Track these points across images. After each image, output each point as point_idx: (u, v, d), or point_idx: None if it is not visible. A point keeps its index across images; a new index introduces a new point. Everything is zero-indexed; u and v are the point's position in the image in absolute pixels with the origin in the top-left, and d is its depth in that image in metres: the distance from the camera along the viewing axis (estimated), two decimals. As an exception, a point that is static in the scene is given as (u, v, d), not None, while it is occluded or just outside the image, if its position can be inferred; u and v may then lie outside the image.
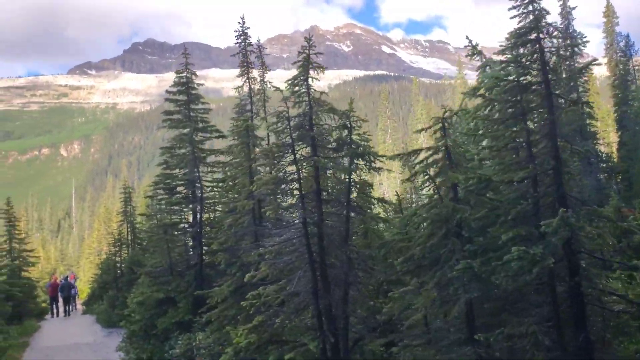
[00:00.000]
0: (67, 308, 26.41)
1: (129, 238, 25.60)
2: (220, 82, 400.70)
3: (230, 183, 7.58)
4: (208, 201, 10.55)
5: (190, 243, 10.96)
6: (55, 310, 26.74)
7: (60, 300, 28.36)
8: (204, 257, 9.41)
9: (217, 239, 8.98)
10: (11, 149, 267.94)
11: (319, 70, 4.97)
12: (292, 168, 5.01)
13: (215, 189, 10.92)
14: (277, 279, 4.83)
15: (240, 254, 6.90)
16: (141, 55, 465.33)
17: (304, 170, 5.09)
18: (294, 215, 5.24)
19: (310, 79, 4.93)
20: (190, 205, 10.84)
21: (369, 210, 5.13)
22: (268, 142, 9.99)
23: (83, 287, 37.69)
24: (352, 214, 5.04)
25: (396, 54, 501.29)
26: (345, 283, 4.74)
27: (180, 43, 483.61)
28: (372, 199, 5.08)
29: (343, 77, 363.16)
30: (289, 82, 5.08)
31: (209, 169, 10.60)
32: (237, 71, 11.09)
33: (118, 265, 22.69)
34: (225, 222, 7.00)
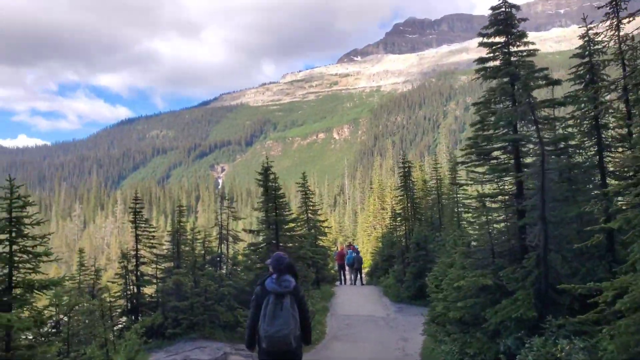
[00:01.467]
0: (356, 277, 27.84)
1: (409, 213, 25.11)
2: (484, 52, 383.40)
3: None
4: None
5: (512, 220, 8.81)
6: (342, 278, 28.49)
7: (347, 268, 30.16)
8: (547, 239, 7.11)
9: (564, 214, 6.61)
10: (295, 135, 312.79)
11: None
12: None
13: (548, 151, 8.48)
14: None
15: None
16: (402, 35, 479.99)
17: None
18: None
19: None
20: (511, 173, 8.67)
21: None
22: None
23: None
24: None
25: None
26: None
27: (440, 17, 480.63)
28: None
29: None
30: None
31: (542, 126, 8.20)
32: (500, 38, 8.55)
33: (403, 240, 22.28)
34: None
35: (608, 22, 7.99)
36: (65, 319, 9.36)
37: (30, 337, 5.34)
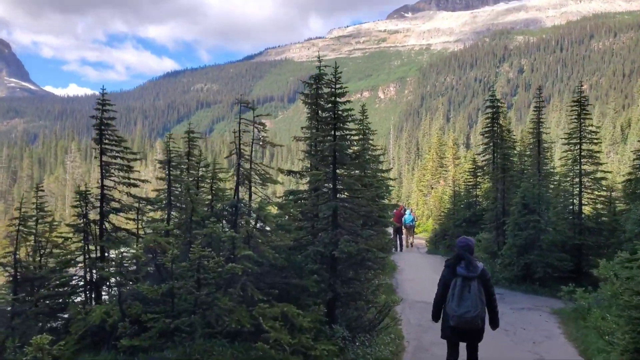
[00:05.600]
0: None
1: (495, 165, 19.17)
2: (543, 11, 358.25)
3: None
4: None
5: None
6: (399, 244, 23.17)
7: (404, 231, 24.94)
8: None
9: None
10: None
11: None
12: None
13: None
14: None
15: None
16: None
17: None
18: None
19: None
20: None
21: None
22: None
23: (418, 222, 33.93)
24: None
25: None
26: None
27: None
28: None
29: None
30: None
31: None
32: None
33: (497, 200, 16.40)
34: None
35: None
36: None
37: None
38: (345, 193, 8.80)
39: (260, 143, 7.94)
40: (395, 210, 23.28)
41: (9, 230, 8.22)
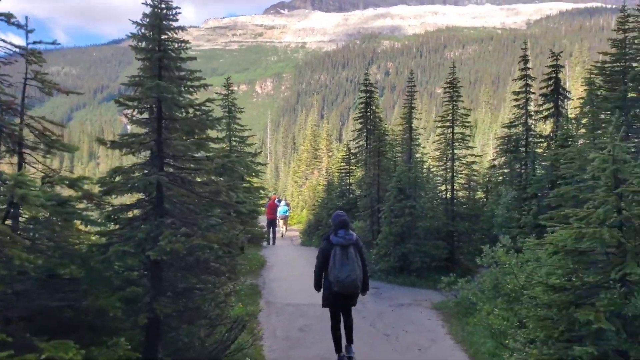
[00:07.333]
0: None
1: (369, 150, 18.08)
2: (406, 20, 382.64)
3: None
4: None
5: None
6: (272, 237, 21.16)
7: (279, 223, 23.14)
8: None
9: None
10: (217, 84, 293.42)
11: None
12: None
13: None
14: None
15: None
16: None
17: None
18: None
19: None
20: None
21: None
22: None
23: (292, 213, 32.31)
24: None
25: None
26: None
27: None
28: None
29: (545, 11, 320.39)
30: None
31: None
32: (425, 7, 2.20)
33: (372, 186, 15.05)
34: None
35: None
36: None
37: None
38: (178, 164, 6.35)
39: (39, 85, 5.20)
40: (268, 202, 21.24)
41: None
